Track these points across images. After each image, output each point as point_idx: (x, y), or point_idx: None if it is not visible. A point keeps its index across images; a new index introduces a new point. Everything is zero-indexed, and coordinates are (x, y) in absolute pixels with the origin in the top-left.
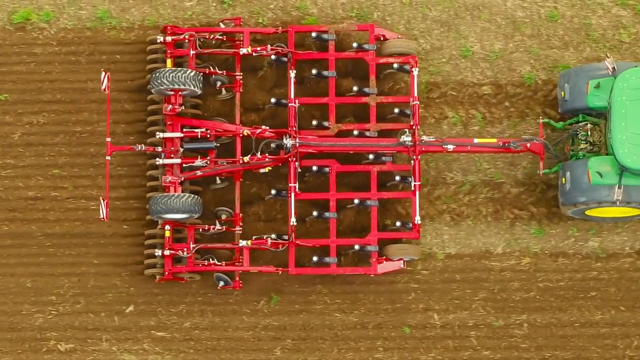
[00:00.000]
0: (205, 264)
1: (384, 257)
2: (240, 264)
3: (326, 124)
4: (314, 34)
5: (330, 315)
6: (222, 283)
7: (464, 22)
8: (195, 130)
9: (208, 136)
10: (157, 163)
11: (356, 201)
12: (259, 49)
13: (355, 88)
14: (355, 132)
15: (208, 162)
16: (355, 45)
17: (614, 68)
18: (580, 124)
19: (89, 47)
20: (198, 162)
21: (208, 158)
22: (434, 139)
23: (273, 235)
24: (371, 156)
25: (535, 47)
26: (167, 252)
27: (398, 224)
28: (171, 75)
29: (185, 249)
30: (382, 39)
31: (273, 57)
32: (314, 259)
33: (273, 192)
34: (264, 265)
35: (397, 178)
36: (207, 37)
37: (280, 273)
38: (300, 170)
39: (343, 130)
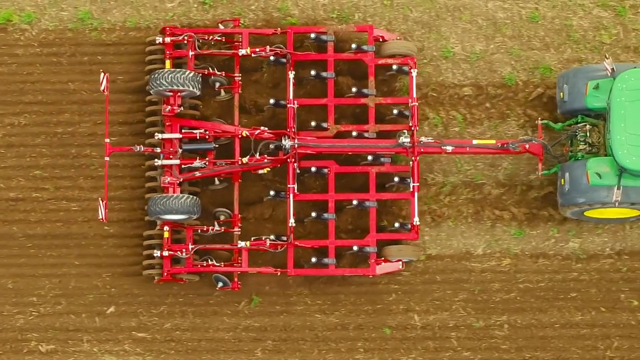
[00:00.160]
0: (204, 264)
1: (383, 258)
2: (239, 265)
3: (325, 125)
4: (313, 35)
5: (310, 316)
6: (220, 284)
7: (445, 23)
8: (194, 131)
9: (207, 137)
10: (156, 164)
11: (355, 202)
12: (257, 50)
13: (354, 89)
14: (354, 133)
15: (207, 163)
16: (354, 46)
17: (612, 69)
18: (579, 125)
19: (71, 48)
20: (197, 163)
21: (207, 159)
22: (433, 140)
23: (272, 236)
24: (370, 157)
25: (516, 48)
26: (165, 253)
27: (397, 225)
28: (170, 76)
29: (184, 250)
30: (381, 40)
31: (272, 58)
32: (313, 260)
33: (272, 193)
34: (262, 266)
35: (396, 179)
36: (206, 38)
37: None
38: (299, 171)
39: (342, 131)
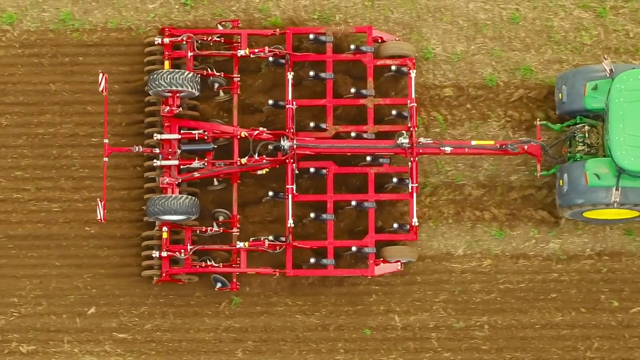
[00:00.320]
0: (203, 265)
1: (381, 259)
2: (237, 266)
3: (324, 125)
4: (311, 36)
5: (291, 317)
6: (219, 284)
7: (426, 24)
8: (193, 131)
9: (206, 138)
10: (155, 164)
11: (353, 203)
12: (256, 50)
13: (352, 90)
14: (353, 134)
15: (206, 164)
16: (352, 47)
17: (611, 70)
18: (577, 126)
19: (52, 49)
20: (196, 164)
21: (206, 160)
22: (432, 141)
23: (270, 237)
24: (369, 158)
25: (497, 49)
26: (164, 254)
27: (395, 225)
28: (169, 76)
29: (182, 251)
30: (379, 41)
31: (271, 59)
32: (311, 260)
33: (270, 193)
34: (261, 266)
35: (395, 180)
36: (205, 38)
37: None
38: (297, 172)
39: (340, 132)
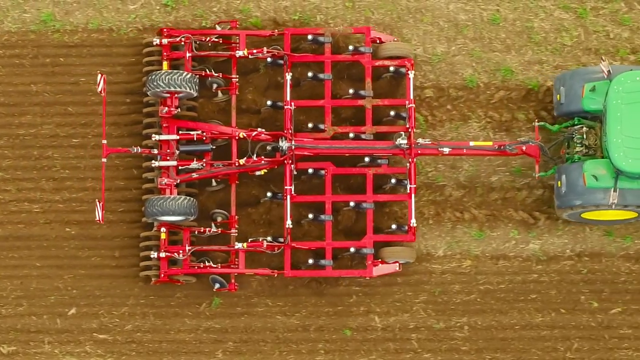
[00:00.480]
0: (201, 266)
1: (380, 260)
2: (235, 267)
3: (322, 126)
4: (310, 37)
5: (271, 317)
6: (217, 285)
7: (406, 25)
8: (191, 132)
9: (204, 138)
10: (153, 165)
11: (352, 204)
12: (255, 51)
13: (351, 91)
14: (351, 135)
15: (204, 165)
16: (351, 48)
17: (609, 71)
18: (575, 127)
19: (33, 50)
20: (194, 165)
21: (204, 160)
22: (430, 142)
23: (269, 238)
24: (367, 159)
25: (477, 50)
26: (162, 255)
27: (394, 226)
28: (167, 77)
29: (180, 252)
30: (378, 42)
31: (269, 59)
32: (310, 261)
33: (269, 194)
34: (259, 267)
35: (393, 181)
36: (203, 39)
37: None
38: (296, 172)
39: (339, 132)
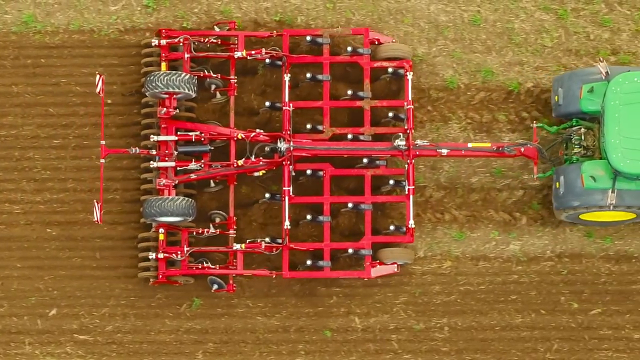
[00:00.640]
0: (199, 267)
1: (378, 261)
2: (234, 268)
3: (320, 127)
4: (308, 38)
5: (252, 318)
6: (215, 286)
7: (387, 26)
8: (190, 133)
9: (202, 139)
10: (152, 166)
11: (350, 205)
12: (253, 52)
13: (349, 92)
14: (350, 136)
15: (202, 166)
16: (349, 49)
17: (607, 72)
18: (573, 128)
19: (14, 51)
20: (192, 166)
21: (202, 161)
22: (428, 143)
23: (267, 239)
24: (365, 160)
25: (458, 51)
26: (160, 255)
27: (392, 227)
28: (166, 78)
29: (179, 252)
30: (376, 43)
31: (268, 60)
32: (308, 262)
33: (267, 195)
34: (257, 268)
35: (391, 182)
36: (202, 40)
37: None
38: (294, 173)
39: (337, 134)
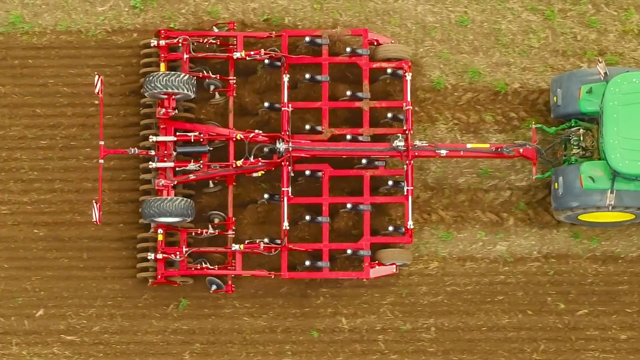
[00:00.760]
0: (198, 267)
1: (377, 262)
2: (232, 268)
3: (319, 128)
4: (307, 39)
5: (239, 319)
6: (214, 287)
7: (374, 27)
8: (189, 134)
9: (201, 140)
10: (150, 166)
11: (349, 206)
12: (252, 53)
13: (348, 92)
14: (348, 137)
15: (201, 166)
16: (348, 50)
17: (605, 73)
18: (572, 129)
19: (1, 52)
20: (191, 166)
21: (201, 162)
22: (427, 144)
23: (266, 240)
24: (364, 161)
25: (445, 52)
26: (159, 256)
27: (391, 228)
28: (165, 79)
29: (177, 253)
30: (375, 44)
31: (267, 61)
32: (307, 263)
33: (266, 196)
34: (256, 269)
35: (390, 183)
36: (201, 41)
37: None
38: (293, 174)
39: (336, 134)
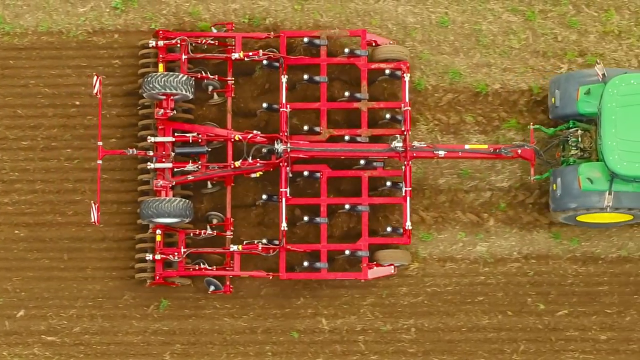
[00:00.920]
0: (196, 268)
1: (375, 263)
2: (231, 269)
3: (318, 129)
4: (306, 39)
5: (219, 320)
6: (212, 287)
7: (355, 28)
8: (187, 134)
9: (199, 141)
10: (149, 167)
11: (347, 206)
12: (251, 54)
13: (346, 93)
14: (347, 138)
15: (199, 167)
16: (347, 50)
17: (604, 74)
18: (570, 130)
19: None
20: (189, 167)
21: (199, 162)
22: (425, 145)
23: (264, 240)
24: (362, 161)
25: (425, 53)
26: (158, 257)
27: (389, 229)
28: (163, 79)
29: (176, 254)
30: (373, 44)
31: (265, 62)
32: (305, 264)
33: (264, 197)
34: (254, 269)
35: (388, 184)
36: (199, 41)
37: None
38: (291, 175)
39: (334, 135)
